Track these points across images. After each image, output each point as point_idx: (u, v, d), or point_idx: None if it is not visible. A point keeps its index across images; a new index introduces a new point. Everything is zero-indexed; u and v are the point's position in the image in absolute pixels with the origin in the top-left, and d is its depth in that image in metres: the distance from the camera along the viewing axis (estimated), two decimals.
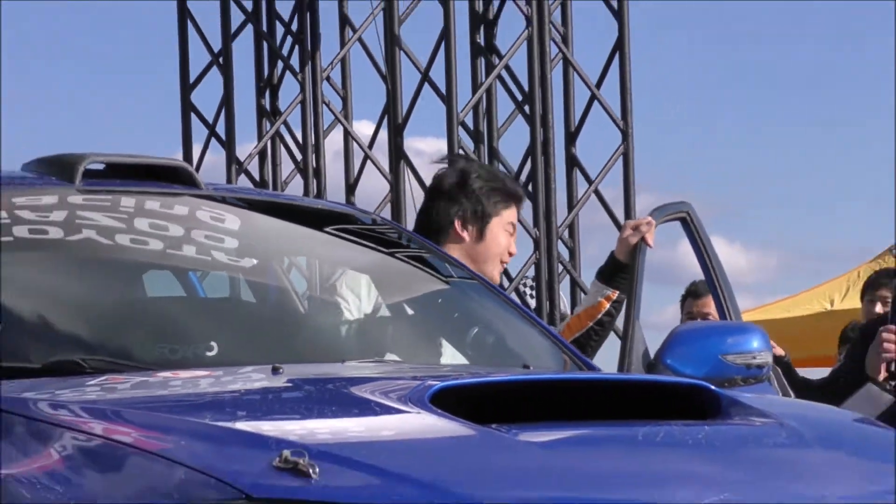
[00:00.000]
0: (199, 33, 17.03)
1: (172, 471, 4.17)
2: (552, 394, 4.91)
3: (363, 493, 4.09)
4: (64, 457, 4.40)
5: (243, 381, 5.16)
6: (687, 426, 4.71)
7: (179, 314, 6.07)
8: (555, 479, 4.28)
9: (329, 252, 6.34)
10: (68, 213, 5.84)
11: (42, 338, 5.57)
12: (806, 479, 4.47)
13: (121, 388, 4.95)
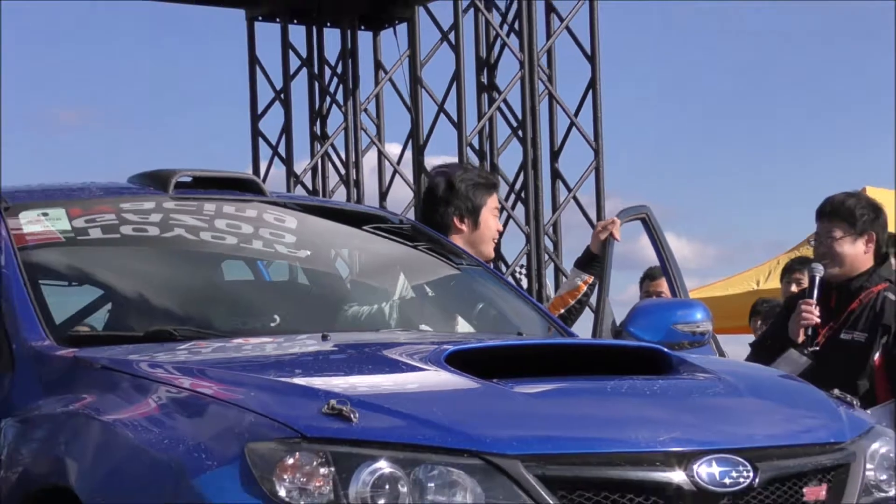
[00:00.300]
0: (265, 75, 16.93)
1: (244, 416, 4.14)
2: (541, 355, 4.87)
3: (393, 433, 4.04)
4: (159, 405, 4.36)
5: (299, 346, 5.09)
6: (645, 380, 4.63)
7: (250, 294, 6.04)
8: (541, 422, 4.25)
9: (366, 245, 6.29)
10: (163, 216, 5.80)
11: (142, 312, 5.51)
12: (739, 421, 4.42)
13: (204, 351, 4.88)
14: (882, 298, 6.93)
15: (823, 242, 7.06)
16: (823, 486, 4.30)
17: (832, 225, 7.01)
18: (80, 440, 4.43)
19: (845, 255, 6.98)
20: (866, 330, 6.87)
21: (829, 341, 6.92)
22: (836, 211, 7.04)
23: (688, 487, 4.06)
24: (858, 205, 7.06)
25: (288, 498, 3.91)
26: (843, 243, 6.97)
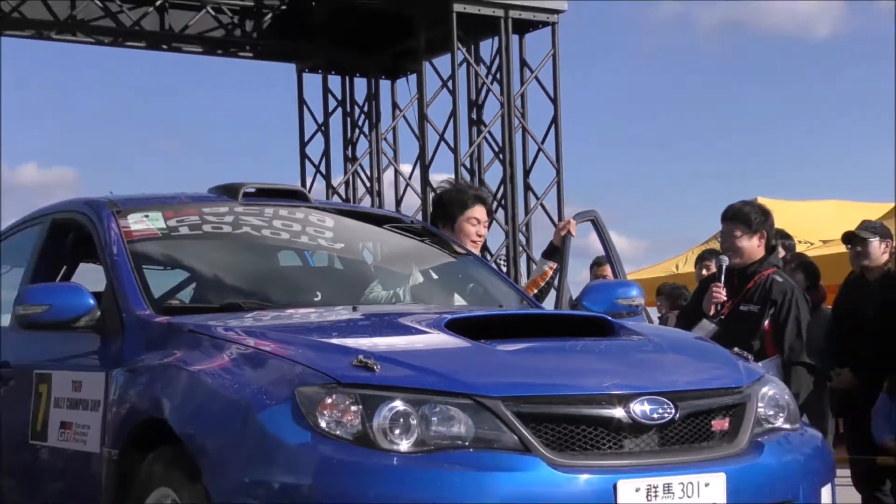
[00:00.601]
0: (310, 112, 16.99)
1: (294, 367, 4.15)
2: (517, 322, 4.86)
3: (405, 380, 4.05)
4: (231, 358, 4.38)
5: (335, 315, 5.09)
6: (594, 341, 4.64)
7: (298, 276, 6.04)
8: (517, 372, 4.25)
9: (386, 239, 6.30)
10: (234, 217, 5.79)
11: (218, 290, 5.52)
12: (664, 371, 4.43)
13: (264, 319, 4.90)
14: (770, 280, 6.97)
15: (727, 240, 7.13)
16: (727, 419, 4.32)
17: (733, 226, 7.07)
18: (172, 384, 4.45)
19: (743, 249, 7.03)
20: (759, 303, 6.91)
21: (732, 312, 6.95)
22: (735, 215, 7.10)
23: (626, 420, 4.07)
24: (752, 210, 7.13)
25: (327, 428, 3.92)
26: (741, 240, 7.03)
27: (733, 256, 7.05)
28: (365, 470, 3.84)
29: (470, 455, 3.90)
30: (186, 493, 4.19)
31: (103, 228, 5.46)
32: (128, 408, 4.65)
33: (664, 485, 4.00)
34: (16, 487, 5.52)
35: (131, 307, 5.01)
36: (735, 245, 7.05)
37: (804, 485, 4.35)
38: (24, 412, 5.40)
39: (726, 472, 4.12)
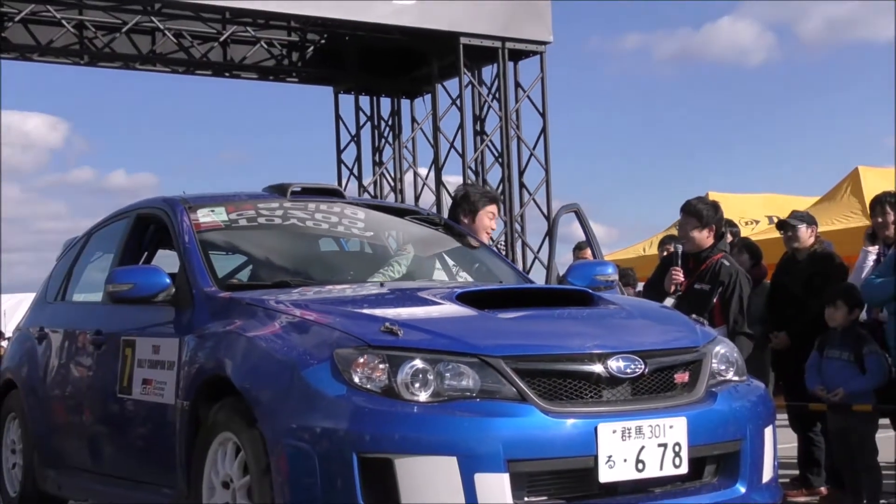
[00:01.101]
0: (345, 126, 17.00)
1: (333, 332, 4.12)
2: (515, 294, 4.81)
3: (423, 343, 4.01)
4: (281, 326, 4.34)
5: (366, 290, 5.04)
6: (578, 309, 4.61)
7: (336, 259, 5.98)
8: (514, 335, 4.23)
9: (407, 228, 6.24)
10: (283, 212, 5.74)
11: (270, 270, 5.49)
12: (635, 334, 4.39)
13: (308, 293, 4.84)
14: (719, 264, 6.94)
15: (682, 230, 7.10)
16: (687, 373, 4.28)
17: (688, 219, 7.04)
18: (233, 347, 4.41)
19: (695, 238, 7.01)
20: (710, 283, 6.89)
21: (687, 290, 6.92)
22: (690, 211, 7.07)
23: (604, 375, 4.04)
24: (705, 207, 7.09)
25: (360, 383, 3.89)
26: (693, 232, 7.02)
27: (687, 245, 7.03)
28: (391, 416, 3.80)
29: (477, 404, 3.86)
30: (245, 436, 4.16)
31: (177, 221, 5.44)
32: (197, 367, 4.62)
33: (636, 427, 3.96)
34: (107, 432, 5.50)
35: (200, 285, 4.98)
36: (689, 235, 7.04)
37: (750, 426, 4.31)
38: (113, 371, 5.38)
39: (687, 416, 4.08)
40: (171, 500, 4.80)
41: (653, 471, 3.98)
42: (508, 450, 3.77)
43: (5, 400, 6.77)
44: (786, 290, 7.91)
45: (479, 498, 3.73)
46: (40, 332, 6.49)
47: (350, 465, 3.78)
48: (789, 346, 7.76)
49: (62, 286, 6.74)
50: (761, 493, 4.32)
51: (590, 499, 3.95)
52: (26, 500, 6.41)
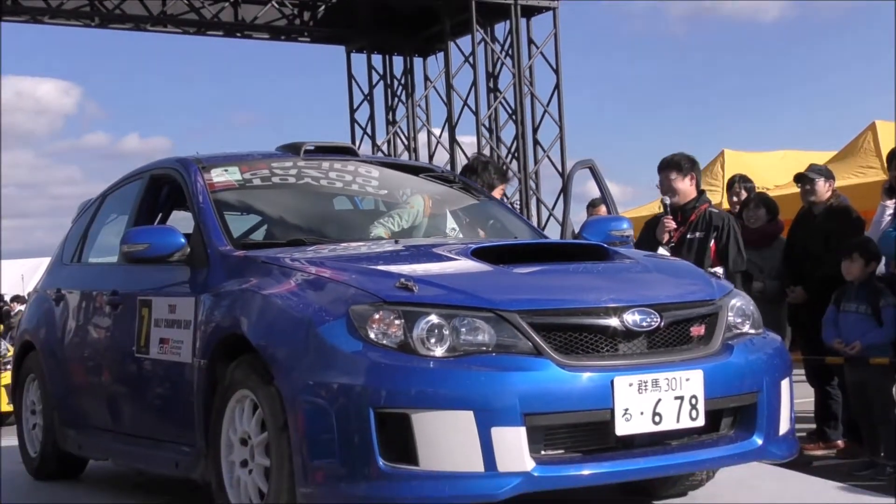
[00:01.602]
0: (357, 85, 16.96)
1: (348, 289, 4.11)
2: (529, 250, 4.81)
3: (438, 298, 4.01)
4: (296, 283, 4.34)
5: (380, 247, 5.05)
6: (593, 264, 4.60)
7: (351, 217, 5.96)
8: (530, 290, 4.20)
9: (421, 186, 6.22)
10: (297, 171, 5.74)
11: (284, 229, 5.48)
12: (651, 287, 4.37)
13: (323, 251, 4.82)
14: (708, 212, 6.94)
15: (665, 184, 7.07)
16: (703, 326, 4.27)
17: (668, 172, 7.02)
18: (249, 305, 4.42)
19: (681, 189, 6.99)
20: (703, 230, 6.87)
21: (680, 240, 6.90)
22: (669, 164, 7.05)
23: (620, 328, 4.03)
24: (682, 158, 7.06)
25: (376, 339, 3.90)
26: (676, 182, 6.99)
27: (673, 196, 7.00)
28: (407, 371, 3.81)
29: (493, 358, 3.86)
30: (262, 393, 4.18)
31: (191, 181, 5.44)
32: (213, 325, 4.63)
33: (652, 380, 3.96)
34: (126, 392, 5.54)
35: (215, 244, 4.99)
36: (672, 187, 7.00)
37: (767, 378, 4.30)
38: (130, 331, 5.41)
39: (703, 369, 4.08)
40: (190, 457, 4.84)
41: (669, 423, 3.99)
42: (525, 404, 3.77)
43: (24, 361, 6.82)
44: (802, 244, 7.90)
45: (496, 451, 3.74)
46: (57, 293, 6.52)
47: (367, 421, 3.79)
48: (806, 301, 7.76)
49: (78, 248, 6.76)
50: (778, 445, 4.33)
51: (606, 452, 3.96)
52: (47, 461, 6.47)
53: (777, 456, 4.36)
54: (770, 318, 6.36)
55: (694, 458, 4.11)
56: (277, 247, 4.98)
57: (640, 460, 3.97)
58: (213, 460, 4.54)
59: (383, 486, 3.79)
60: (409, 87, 17.08)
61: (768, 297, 7.82)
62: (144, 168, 6.19)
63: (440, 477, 3.76)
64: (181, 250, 5.07)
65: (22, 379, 6.85)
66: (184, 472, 4.90)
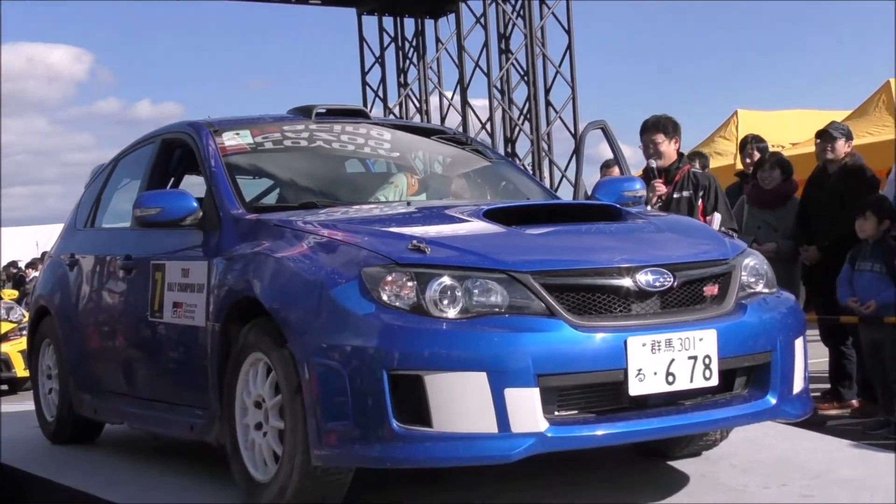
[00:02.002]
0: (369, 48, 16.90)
1: (360, 251, 4.10)
2: (542, 211, 4.79)
3: (451, 259, 3.99)
4: (308, 246, 4.33)
5: (392, 209, 5.02)
6: (606, 224, 4.57)
7: (363, 179, 5.97)
8: (543, 250, 4.19)
9: (433, 148, 6.21)
10: (309, 134, 5.73)
11: (297, 192, 5.47)
12: (664, 247, 4.34)
13: (335, 214, 4.82)
14: (692, 172, 6.93)
15: (652, 147, 6.99)
16: (716, 286, 4.25)
17: (655, 135, 6.95)
18: (261, 268, 4.41)
19: (666, 152, 6.94)
20: (689, 190, 6.83)
21: (667, 200, 6.84)
22: (655, 126, 6.99)
23: (633, 288, 4.01)
24: (668, 122, 7.01)
25: (388, 301, 3.89)
26: (662, 145, 6.93)
27: (658, 159, 6.95)
28: (420, 333, 3.80)
29: (505, 319, 3.85)
30: (275, 356, 4.19)
31: (203, 145, 5.44)
32: (226, 289, 4.64)
33: (665, 340, 3.95)
34: (140, 356, 5.55)
35: (227, 207, 4.99)
36: (658, 150, 6.95)
37: (781, 337, 4.29)
38: (144, 295, 5.42)
39: (717, 328, 4.07)
40: (204, 420, 4.85)
41: (683, 383, 3.98)
42: (538, 364, 3.77)
43: (39, 326, 6.85)
44: (817, 203, 7.87)
45: (509, 412, 3.74)
46: (71, 258, 6.54)
47: (380, 383, 3.79)
48: (818, 261, 7.74)
49: (91, 213, 6.77)
50: (792, 404, 4.32)
51: (620, 412, 3.96)
52: (63, 425, 6.51)
53: (791, 415, 4.36)
54: (784, 277, 6.36)
55: (707, 417, 4.10)
56: (290, 210, 4.97)
57: (653, 420, 3.97)
58: (228, 423, 4.56)
59: (397, 448, 3.80)
60: (421, 49, 17.00)
61: (782, 256, 7.80)
62: (156, 132, 6.18)
63: (454, 438, 3.77)
64: (194, 214, 5.07)
65: (37, 344, 6.89)
66: (199, 436, 4.92)
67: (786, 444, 5.31)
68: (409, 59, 17.18)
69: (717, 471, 4.81)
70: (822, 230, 7.72)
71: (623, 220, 4.65)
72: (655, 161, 6.92)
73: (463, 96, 15.28)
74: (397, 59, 17.11)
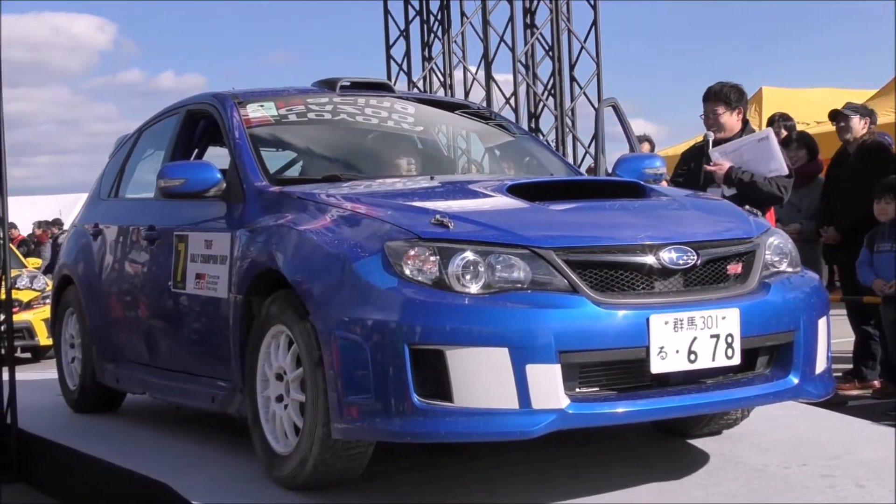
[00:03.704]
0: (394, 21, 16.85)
1: (383, 225, 4.08)
2: (565, 187, 4.77)
3: (473, 234, 3.96)
4: (332, 219, 4.31)
5: (416, 183, 5.01)
6: (629, 201, 4.53)
7: (389, 151, 5.94)
8: (566, 227, 4.15)
9: (457, 122, 6.20)
10: (333, 107, 5.71)
11: (320, 165, 5.49)
12: (687, 225, 4.30)
13: (358, 187, 4.82)
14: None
15: (711, 117, 6.80)
16: (740, 264, 4.22)
17: (715, 105, 6.75)
18: (284, 241, 4.40)
19: (725, 124, 6.76)
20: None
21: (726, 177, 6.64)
22: (717, 95, 6.75)
23: (656, 266, 3.99)
24: (731, 90, 6.76)
25: (411, 275, 3.87)
26: (723, 117, 6.73)
27: (717, 131, 6.77)
28: (442, 308, 3.78)
29: (528, 295, 3.83)
30: (297, 329, 4.19)
31: (227, 116, 5.43)
32: (249, 261, 4.63)
33: (688, 318, 3.92)
34: (163, 326, 5.57)
35: (251, 179, 4.98)
36: (719, 121, 6.74)
37: (804, 317, 4.25)
38: (167, 266, 5.43)
39: (740, 307, 4.04)
40: (226, 392, 4.87)
41: (705, 362, 3.96)
42: (560, 341, 3.75)
43: (63, 295, 6.87)
44: (836, 184, 7.83)
45: (530, 388, 3.73)
46: (95, 228, 6.55)
47: (402, 357, 3.78)
48: (838, 242, 7.70)
49: (115, 183, 6.78)
50: (814, 384, 4.29)
51: (641, 390, 3.94)
52: (86, 393, 6.54)
53: (813, 395, 4.33)
54: (807, 257, 6.32)
55: (729, 396, 4.08)
56: (313, 183, 4.97)
57: (674, 398, 3.95)
58: (249, 395, 4.57)
59: (417, 422, 3.79)
60: (446, 23, 16.92)
61: (805, 236, 7.76)
62: (181, 103, 6.18)
63: (474, 413, 3.76)
64: (217, 186, 5.07)
65: (61, 313, 6.92)
66: (220, 407, 4.93)
67: (807, 423, 5.29)
68: (434, 32, 17.11)
69: (738, 450, 4.79)
70: (842, 211, 7.67)
71: (647, 197, 4.61)
72: (714, 133, 6.72)
73: (487, 71, 15.21)
74: (422, 32, 17.05)
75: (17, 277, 12.84)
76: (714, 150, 6.54)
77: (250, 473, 4.62)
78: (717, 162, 6.56)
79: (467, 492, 4.32)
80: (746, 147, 6.52)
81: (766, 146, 6.50)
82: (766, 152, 6.48)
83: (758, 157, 6.46)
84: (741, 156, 6.49)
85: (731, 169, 6.47)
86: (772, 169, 6.44)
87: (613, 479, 4.34)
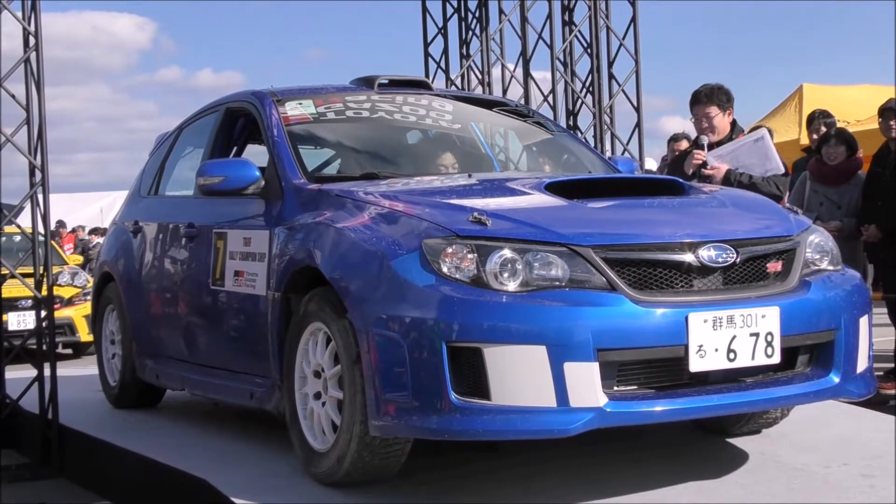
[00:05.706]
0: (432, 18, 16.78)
1: (421, 223, 4.07)
2: (604, 184, 4.74)
3: (512, 232, 3.95)
4: (370, 217, 4.31)
5: (454, 180, 4.99)
6: (669, 199, 4.50)
7: (427, 148, 5.92)
8: (604, 224, 4.12)
9: (494, 119, 6.18)
10: (371, 104, 5.70)
11: (358, 162, 5.49)
12: (727, 223, 4.26)
13: (397, 185, 4.81)
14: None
15: (705, 121, 6.64)
16: (780, 262, 4.18)
17: (708, 108, 6.58)
18: (322, 238, 4.40)
19: (720, 126, 6.67)
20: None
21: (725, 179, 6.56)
22: (709, 98, 6.64)
23: (695, 264, 3.96)
24: (722, 93, 6.66)
25: (448, 273, 3.86)
26: (716, 119, 6.64)
27: (711, 134, 6.67)
28: (480, 305, 3.77)
29: (566, 293, 3.81)
30: (335, 326, 4.19)
31: (266, 114, 5.44)
32: (287, 258, 4.64)
33: (727, 317, 3.89)
34: (202, 323, 5.59)
35: (289, 177, 4.99)
36: (713, 124, 6.64)
37: (845, 315, 4.21)
38: (206, 263, 5.45)
39: (780, 305, 4.00)
40: (264, 389, 4.88)
41: (744, 360, 3.92)
42: (598, 339, 3.73)
43: (103, 292, 6.92)
44: (877, 181, 7.74)
45: (568, 387, 3.71)
46: (135, 225, 6.59)
47: (439, 354, 3.77)
48: (880, 239, 7.62)
49: (155, 180, 6.81)
50: (855, 383, 4.24)
51: (680, 388, 3.91)
52: (126, 389, 6.58)
53: (854, 394, 4.28)
54: (848, 255, 6.25)
55: (769, 395, 4.04)
56: (351, 180, 4.97)
57: (713, 397, 3.91)
58: (287, 392, 4.58)
59: (455, 420, 3.78)
60: (484, 20, 16.85)
61: (846, 234, 7.68)
62: (220, 101, 6.20)
63: (512, 411, 3.74)
64: (256, 183, 5.08)
65: (101, 309, 6.96)
66: (258, 404, 4.94)
67: (847, 423, 5.24)
68: (472, 30, 17.02)
69: (777, 449, 4.75)
70: (884, 208, 7.59)
71: (685, 194, 4.58)
72: (708, 136, 6.63)
73: (525, 68, 15.10)
74: (460, 30, 16.97)
75: (59, 274, 12.93)
76: (709, 153, 6.48)
77: (288, 470, 4.63)
78: (714, 166, 6.50)
79: (503, 489, 4.30)
80: (743, 149, 6.48)
81: (762, 146, 6.46)
82: (761, 153, 6.45)
83: (754, 159, 6.44)
84: (738, 158, 6.46)
85: (728, 172, 6.43)
86: (768, 169, 6.41)
87: (651, 477, 4.32)
